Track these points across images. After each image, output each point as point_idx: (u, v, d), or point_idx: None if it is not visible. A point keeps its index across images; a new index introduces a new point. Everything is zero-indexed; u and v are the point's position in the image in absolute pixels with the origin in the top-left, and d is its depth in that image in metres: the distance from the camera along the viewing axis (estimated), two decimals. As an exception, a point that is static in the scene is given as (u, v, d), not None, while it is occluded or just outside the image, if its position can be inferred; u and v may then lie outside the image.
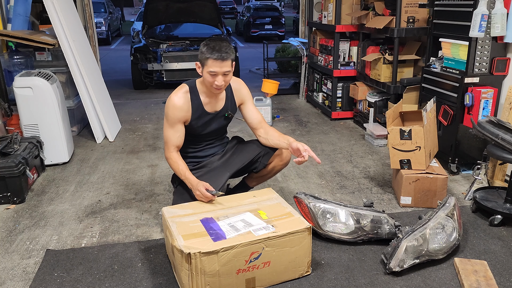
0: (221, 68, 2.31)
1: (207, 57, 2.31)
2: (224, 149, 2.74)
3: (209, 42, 2.33)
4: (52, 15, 3.99)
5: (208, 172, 2.58)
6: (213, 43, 2.32)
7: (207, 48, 2.31)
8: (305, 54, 5.91)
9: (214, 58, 2.29)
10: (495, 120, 2.63)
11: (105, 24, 14.80)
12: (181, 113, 2.46)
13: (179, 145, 2.53)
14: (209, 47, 2.30)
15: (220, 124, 2.63)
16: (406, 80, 4.08)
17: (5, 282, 2.19)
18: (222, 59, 2.29)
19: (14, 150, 3.16)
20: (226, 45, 2.33)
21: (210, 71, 2.32)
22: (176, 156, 2.51)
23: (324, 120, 5.11)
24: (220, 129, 2.68)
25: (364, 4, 4.74)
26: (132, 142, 4.41)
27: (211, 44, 2.31)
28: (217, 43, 2.32)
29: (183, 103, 2.45)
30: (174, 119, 2.46)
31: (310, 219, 2.44)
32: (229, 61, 2.33)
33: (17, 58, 4.39)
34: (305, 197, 2.49)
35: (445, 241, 2.24)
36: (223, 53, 2.29)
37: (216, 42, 2.33)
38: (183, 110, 2.46)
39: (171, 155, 2.52)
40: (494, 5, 2.96)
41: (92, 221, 2.80)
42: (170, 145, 2.51)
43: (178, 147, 2.53)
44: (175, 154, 2.51)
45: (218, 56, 2.29)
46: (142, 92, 6.95)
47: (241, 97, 2.65)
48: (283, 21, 15.98)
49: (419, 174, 2.83)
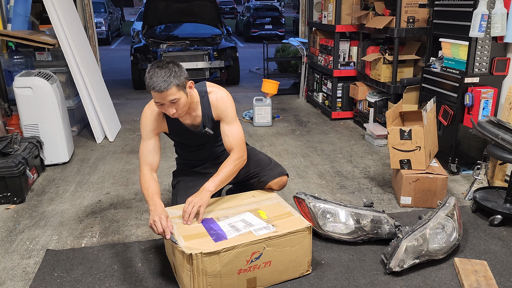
0: (164, 98, 2.06)
1: (148, 89, 2.09)
2: (220, 154, 2.57)
3: (149, 71, 2.06)
4: (52, 15, 3.99)
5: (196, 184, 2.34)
6: (152, 71, 2.05)
7: (146, 78, 2.06)
8: (305, 54, 5.91)
9: (152, 90, 2.05)
10: (495, 120, 2.63)
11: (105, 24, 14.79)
12: (153, 124, 2.27)
13: (152, 163, 2.28)
14: (147, 79, 2.05)
15: (203, 138, 2.42)
16: (406, 80, 4.08)
17: (5, 282, 2.19)
18: (159, 91, 2.02)
19: (14, 150, 3.16)
20: (165, 73, 2.03)
21: (156, 102, 2.12)
22: (148, 174, 2.25)
23: (324, 120, 5.11)
24: (208, 139, 2.45)
25: (364, 4, 4.74)
26: (132, 142, 4.41)
27: (149, 72, 2.05)
28: (155, 71, 2.04)
29: (155, 113, 2.27)
30: (146, 130, 2.28)
31: (310, 219, 2.44)
32: (170, 89, 2.03)
33: (17, 58, 4.39)
34: (305, 197, 2.49)
35: (445, 241, 2.24)
36: (160, 83, 2.01)
37: (156, 70, 2.04)
38: (156, 120, 2.27)
39: (142, 172, 2.27)
40: (494, 5, 2.96)
41: (92, 221, 2.80)
42: (142, 162, 2.29)
43: (151, 166, 2.28)
44: (147, 173, 2.26)
45: (155, 88, 2.03)
46: (142, 92, 6.95)
47: (217, 113, 2.32)
48: (283, 21, 15.97)
49: (419, 174, 2.83)
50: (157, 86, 2.02)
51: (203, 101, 2.30)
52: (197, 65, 6.77)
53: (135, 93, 6.94)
